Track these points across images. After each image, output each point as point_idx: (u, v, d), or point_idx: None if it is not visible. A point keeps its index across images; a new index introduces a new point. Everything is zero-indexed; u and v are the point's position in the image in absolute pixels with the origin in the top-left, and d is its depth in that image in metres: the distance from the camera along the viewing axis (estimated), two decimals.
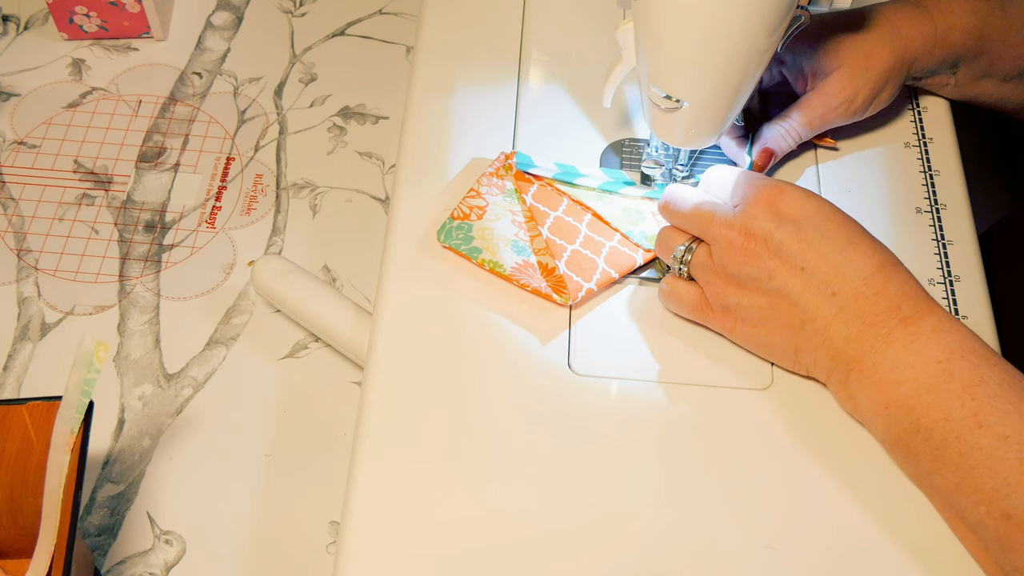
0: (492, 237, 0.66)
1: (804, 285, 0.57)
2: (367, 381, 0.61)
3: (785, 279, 0.57)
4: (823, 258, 0.56)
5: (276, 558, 0.68)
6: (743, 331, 0.60)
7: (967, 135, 0.75)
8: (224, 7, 0.97)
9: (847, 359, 0.56)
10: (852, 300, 0.56)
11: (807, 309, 0.57)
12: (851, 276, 0.56)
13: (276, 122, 0.90)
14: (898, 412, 0.55)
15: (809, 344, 0.58)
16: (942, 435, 0.53)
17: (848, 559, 0.56)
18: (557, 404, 0.61)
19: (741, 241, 0.58)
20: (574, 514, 0.57)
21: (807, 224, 0.57)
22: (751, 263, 0.58)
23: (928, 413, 0.54)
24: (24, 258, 0.81)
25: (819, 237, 0.57)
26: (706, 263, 0.60)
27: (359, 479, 0.58)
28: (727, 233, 0.58)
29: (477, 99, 0.74)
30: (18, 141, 0.88)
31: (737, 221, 0.58)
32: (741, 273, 0.58)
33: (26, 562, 0.65)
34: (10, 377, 0.75)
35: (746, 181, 0.60)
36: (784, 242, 0.57)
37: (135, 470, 0.71)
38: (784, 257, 0.57)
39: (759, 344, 0.60)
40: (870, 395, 0.56)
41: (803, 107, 0.68)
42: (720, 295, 0.60)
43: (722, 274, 0.59)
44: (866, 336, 0.56)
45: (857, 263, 0.56)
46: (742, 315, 0.60)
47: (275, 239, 0.83)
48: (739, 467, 0.59)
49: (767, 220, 0.57)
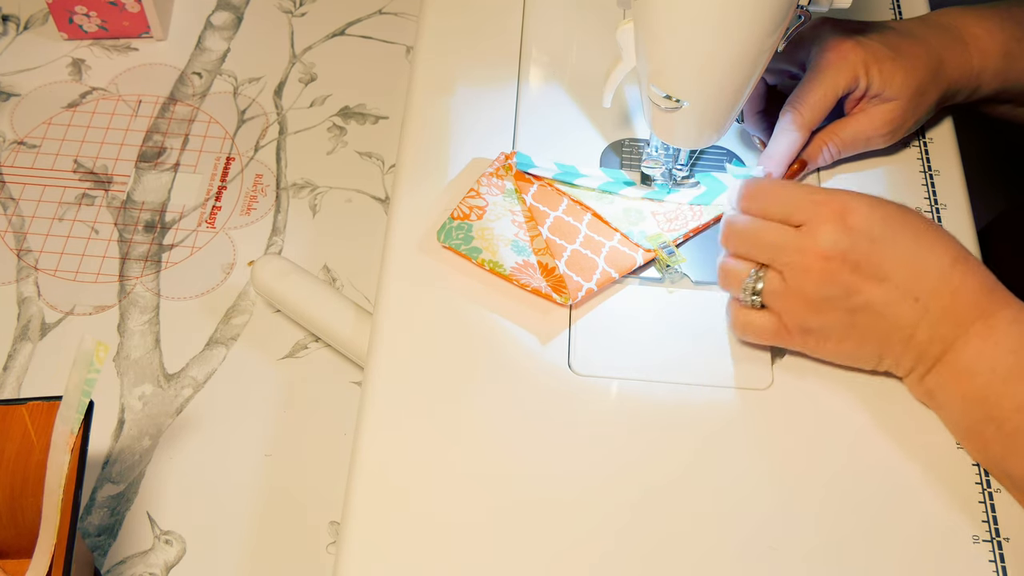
0: (492, 237, 0.66)
1: (887, 296, 0.56)
2: (367, 381, 0.61)
3: (868, 295, 0.56)
4: (900, 265, 0.56)
5: (276, 558, 0.68)
6: (827, 348, 0.60)
7: (967, 135, 0.75)
8: (224, 7, 0.97)
9: (930, 357, 0.57)
10: (933, 301, 0.56)
11: (893, 319, 0.57)
12: (929, 277, 0.56)
13: (276, 122, 0.90)
14: (973, 402, 0.56)
15: (894, 349, 0.58)
16: (1014, 424, 0.54)
17: (849, 559, 0.56)
18: (557, 404, 0.61)
19: (818, 265, 0.57)
20: (574, 514, 0.57)
21: (878, 234, 0.57)
22: (830, 284, 0.57)
23: (1001, 403, 0.55)
24: (24, 258, 0.81)
25: (891, 245, 0.56)
26: (779, 290, 0.58)
27: (359, 479, 0.58)
28: (801, 259, 0.57)
29: (477, 99, 0.74)
30: (18, 141, 0.88)
31: (809, 244, 0.57)
32: (820, 295, 0.57)
33: (26, 562, 0.65)
34: (10, 377, 0.75)
35: (805, 197, 0.58)
36: (861, 258, 0.56)
37: (135, 470, 0.71)
38: (863, 273, 0.56)
39: (844, 357, 0.60)
40: (948, 388, 0.57)
41: (848, 128, 0.68)
42: (800, 319, 0.59)
43: (800, 298, 0.58)
44: (949, 333, 0.56)
45: (931, 262, 0.56)
46: (826, 335, 0.59)
47: (275, 239, 0.83)
48: (739, 467, 0.59)
49: (840, 239, 0.56)
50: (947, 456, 0.59)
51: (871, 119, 0.68)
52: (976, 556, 0.56)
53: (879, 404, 0.61)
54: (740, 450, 0.59)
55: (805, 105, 0.66)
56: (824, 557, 0.56)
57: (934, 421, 0.60)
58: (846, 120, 0.69)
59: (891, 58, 0.66)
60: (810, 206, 0.57)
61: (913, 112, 0.68)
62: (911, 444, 0.60)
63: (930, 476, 0.59)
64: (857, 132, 0.68)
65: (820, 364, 0.62)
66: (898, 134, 0.69)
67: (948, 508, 0.58)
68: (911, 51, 0.67)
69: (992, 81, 0.70)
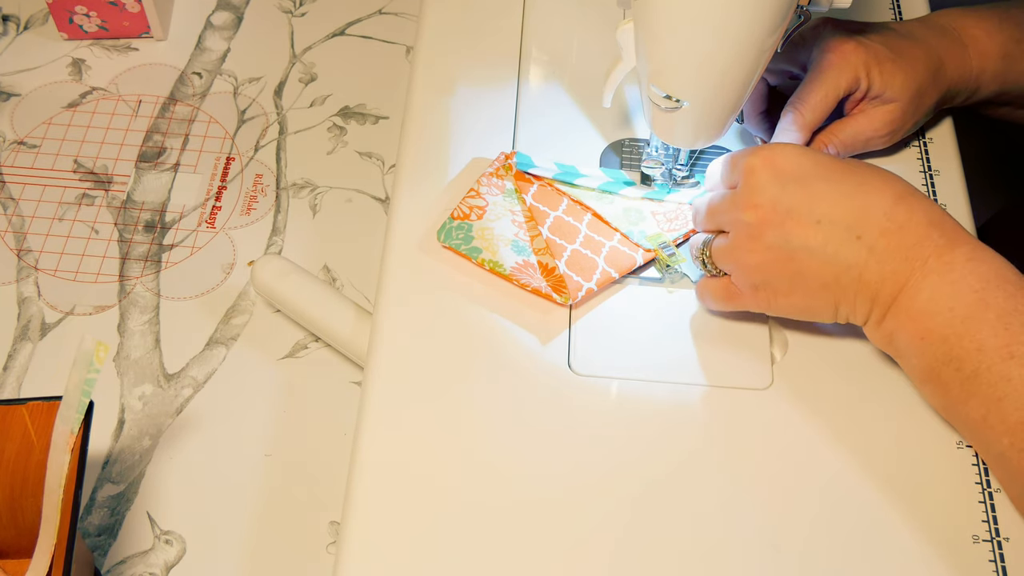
0: (492, 237, 0.66)
1: (826, 238, 0.55)
2: (367, 381, 0.61)
3: (804, 237, 0.56)
4: (837, 205, 0.55)
5: (276, 558, 0.68)
6: (779, 303, 0.59)
7: (967, 135, 0.75)
8: (224, 7, 0.97)
9: (885, 298, 0.56)
10: (879, 239, 0.55)
11: (836, 261, 0.56)
12: (871, 215, 0.55)
13: (276, 122, 0.90)
14: (932, 343, 0.54)
15: (847, 294, 0.57)
16: (973, 365, 0.53)
17: (849, 559, 0.56)
18: (557, 404, 0.61)
19: (752, 215, 0.57)
20: (574, 514, 0.57)
21: (810, 177, 0.56)
22: (766, 233, 0.56)
23: (961, 343, 0.53)
24: (24, 258, 0.81)
25: (825, 187, 0.56)
26: (725, 250, 0.59)
27: (359, 479, 0.58)
28: (736, 214, 0.58)
29: (477, 99, 0.74)
30: (18, 141, 0.88)
31: (741, 198, 0.57)
32: (760, 246, 0.57)
33: (26, 562, 0.65)
34: (10, 377, 0.75)
35: (738, 158, 0.59)
36: (793, 202, 0.56)
37: (135, 470, 0.71)
38: (797, 217, 0.56)
39: (799, 310, 0.59)
40: (907, 328, 0.55)
41: (848, 128, 0.68)
42: (746, 276, 0.59)
43: (742, 253, 0.58)
44: (901, 271, 0.55)
45: (873, 200, 0.55)
46: (775, 288, 0.58)
47: (275, 239, 0.83)
48: (740, 467, 0.59)
49: (769, 184, 0.57)
50: (947, 456, 0.59)
51: (871, 120, 0.68)
52: (976, 556, 0.56)
53: (879, 404, 0.61)
54: (740, 450, 0.59)
55: (806, 106, 0.66)
56: (824, 557, 0.56)
57: (935, 420, 0.60)
58: (846, 121, 0.69)
59: (892, 59, 0.66)
60: (741, 161, 0.58)
61: (913, 114, 0.68)
62: (911, 444, 0.60)
63: (930, 476, 0.59)
64: (857, 133, 0.68)
65: (820, 364, 0.62)
66: (897, 135, 0.69)
67: (948, 508, 0.58)
68: (911, 53, 0.67)
69: (991, 83, 0.70)
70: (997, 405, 0.53)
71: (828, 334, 0.64)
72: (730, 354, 0.63)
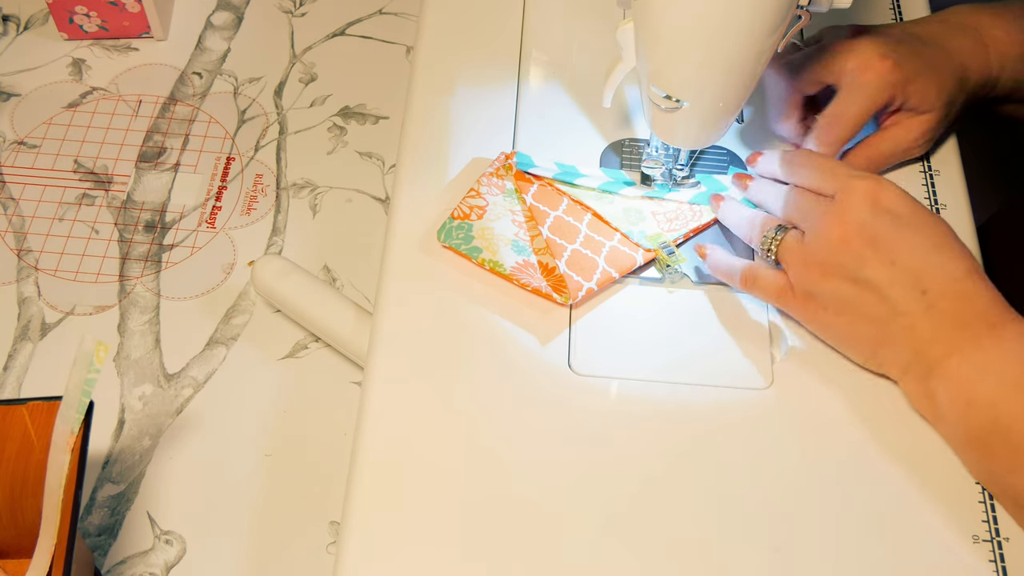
0: (492, 237, 0.66)
1: (893, 279, 0.57)
2: (367, 381, 0.61)
3: (875, 270, 0.57)
4: (914, 255, 0.57)
5: (276, 558, 0.68)
6: (824, 320, 0.60)
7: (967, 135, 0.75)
8: (224, 7, 0.97)
9: (931, 357, 0.57)
10: (941, 300, 0.56)
11: (895, 304, 0.57)
12: (941, 277, 0.57)
13: (276, 122, 0.90)
14: (980, 409, 0.56)
15: (893, 339, 0.58)
16: (1022, 435, 0.54)
17: (849, 559, 0.56)
18: (557, 404, 0.60)
19: (837, 231, 0.58)
20: (574, 514, 0.57)
21: (903, 220, 0.57)
22: (843, 251, 0.57)
23: (1010, 411, 0.54)
24: (24, 258, 0.81)
25: (912, 234, 0.57)
26: (795, 248, 0.60)
27: (359, 479, 0.58)
28: (823, 223, 0.58)
29: (477, 99, 0.74)
30: (18, 141, 0.88)
31: (836, 211, 0.58)
32: (832, 260, 0.58)
33: (26, 562, 0.65)
34: (10, 377, 0.75)
35: (844, 171, 0.60)
36: (878, 233, 0.57)
37: (135, 470, 0.71)
38: (877, 248, 0.57)
39: (839, 334, 0.60)
40: (952, 392, 0.56)
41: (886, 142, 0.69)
42: (806, 281, 0.59)
43: (811, 260, 0.59)
44: (954, 336, 0.56)
45: (948, 266, 0.57)
46: (825, 303, 0.59)
47: (275, 239, 0.83)
48: (740, 467, 0.59)
49: (864, 211, 0.57)
50: (947, 456, 0.59)
51: (908, 132, 0.68)
52: (976, 556, 0.56)
53: (879, 404, 0.61)
54: (740, 450, 0.59)
55: (841, 122, 0.67)
56: (824, 557, 0.56)
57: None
58: (882, 135, 0.69)
59: (924, 74, 0.67)
60: (846, 179, 0.59)
61: (945, 120, 0.69)
62: (911, 444, 0.60)
63: (930, 476, 0.59)
64: (895, 145, 0.69)
65: (820, 364, 0.62)
66: (931, 143, 0.70)
67: (948, 508, 0.58)
68: (939, 63, 0.68)
69: (1008, 82, 0.70)
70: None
71: None
72: (730, 354, 0.63)
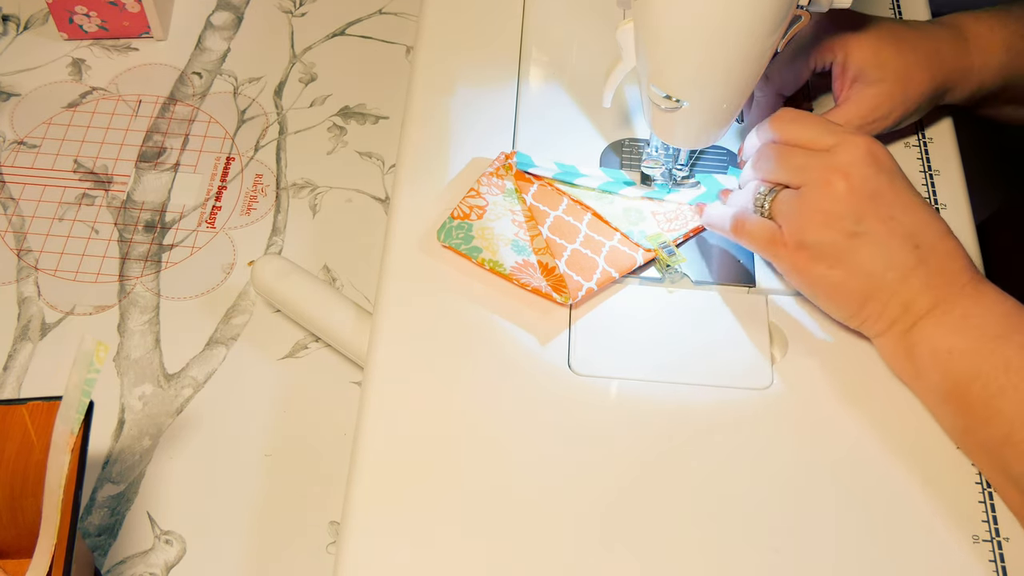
0: (492, 237, 0.66)
1: (890, 233, 0.57)
2: (367, 381, 0.61)
3: (873, 225, 0.57)
4: (908, 212, 0.58)
5: (276, 558, 0.68)
6: (815, 271, 0.59)
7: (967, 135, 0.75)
8: (224, 7, 0.97)
9: (918, 309, 0.58)
10: (931, 254, 0.58)
11: (890, 256, 0.58)
12: (930, 231, 0.58)
13: (276, 122, 0.90)
14: (961, 357, 0.56)
15: (883, 292, 0.58)
16: (1000, 383, 0.55)
17: (849, 558, 0.56)
18: (557, 404, 0.61)
19: (840, 182, 0.58)
20: (574, 514, 0.57)
21: (897, 177, 0.59)
22: (844, 202, 0.58)
23: (991, 360, 0.55)
24: (24, 258, 0.81)
25: (906, 192, 0.58)
26: (791, 201, 0.59)
27: (359, 479, 0.58)
28: (824, 175, 0.58)
29: (477, 99, 0.74)
30: (18, 141, 0.88)
31: (837, 163, 0.58)
32: (834, 210, 0.58)
33: (26, 562, 0.65)
34: (10, 377, 0.75)
35: (840, 128, 0.60)
36: (880, 188, 0.58)
37: (135, 470, 0.71)
38: (877, 204, 0.58)
39: (827, 288, 0.59)
40: (934, 341, 0.57)
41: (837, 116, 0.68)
42: (801, 231, 0.59)
43: (808, 210, 0.58)
44: (941, 287, 0.58)
45: (934, 219, 0.58)
46: (819, 253, 0.58)
47: (275, 239, 0.83)
48: (739, 467, 0.59)
49: (866, 164, 0.58)
50: (947, 456, 0.59)
51: (858, 105, 0.68)
52: (976, 556, 0.56)
53: (879, 404, 0.61)
54: (740, 450, 0.59)
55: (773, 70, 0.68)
56: (824, 557, 0.56)
57: (934, 421, 0.60)
58: (835, 109, 0.69)
59: (875, 37, 0.67)
60: (842, 132, 0.59)
61: (902, 97, 0.68)
62: (911, 444, 0.60)
63: (930, 476, 0.59)
64: (848, 119, 0.68)
65: (820, 364, 0.62)
66: (889, 120, 0.69)
67: (948, 508, 0.58)
68: (902, 34, 0.68)
69: (995, 79, 0.70)
70: (1023, 423, 0.54)
71: (828, 334, 0.64)
72: (730, 354, 0.63)
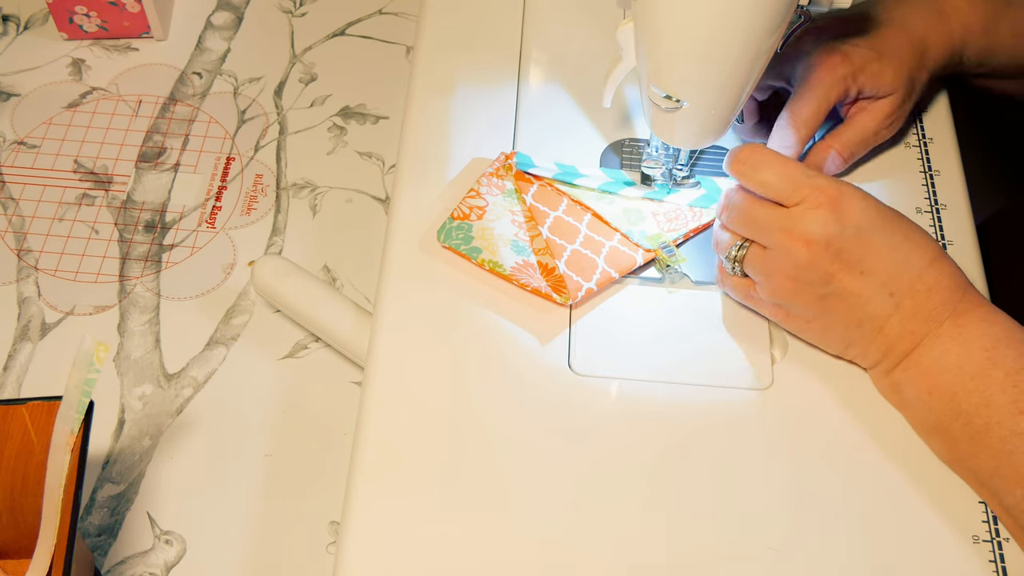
0: (492, 237, 0.66)
1: (862, 288, 0.57)
2: (367, 381, 0.61)
3: (844, 284, 0.57)
4: (881, 260, 0.57)
5: (276, 558, 0.68)
6: (795, 324, 0.61)
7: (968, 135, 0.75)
8: (224, 7, 0.97)
9: (897, 353, 0.58)
10: (907, 298, 0.57)
11: (865, 310, 0.58)
12: (906, 274, 0.57)
13: (276, 122, 0.90)
14: (941, 398, 0.57)
15: (863, 340, 0.59)
16: (983, 420, 0.55)
17: (849, 559, 0.56)
18: (557, 404, 0.61)
19: (802, 249, 0.57)
20: (574, 514, 0.57)
21: (866, 227, 0.57)
22: (810, 269, 0.57)
23: (970, 399, 0.55)
24: (24, 258, 0.81)
25: (877, 240, 0.57)
26: (759, 263, 0.60)
27: (359, 479, 0.58)
28: (786, 239, 0.58)
29: (477, 99, 0.74)
30: (18, 141, 0.88)
31: (799, 227, 0.57)
32: (798, 278, 0.58)
33: (26, 562, 0.65)
34: (10, 377, 0.75)
35: (804, 179, 0.58)
36: (845, 247, 0.57)
37: (135, 470, 0.71)
38: (844, 262, 0.57)
39: (809, 335, 0.61)
40: (915, 382, 0.58)
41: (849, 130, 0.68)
42: (773, 294, 0.60)
43: (777, 276, 0.59)
44: (919, 330, 0.57)
45: (912, 260, 0.57)
46: (794, 313, 0.60)
47: (275, 239, 0.83)
48: (739, 467, 0.59)
49: (829, 226, 0.57)
50: None
51: (872, 117, 0.68)
52: (976, 556, 0.56)
53: (880, 404, 0.61)
54: (740, 450, 0.59)
55: (799, 120, 0.66)
56: (823, 557, 0.56)
57: None
58: (846, 124, 0.69)
59: (877, 59, 0.66)
60: (807, 189, 0.58)
61: (909, 99, 0.69)
62: (911, 444, 0.60)
63: (930, 476, 0.59)
64: (861, 132, 0.68)
65: (820, 365, 0.62)
66: (899, 123, 0.70)
67: (948, 508, 0.58)
68: (895, 43, 0.67)
69: (974, 54, 0.70)
70: (1008, 458, 0.54)
71: None
72: (730, 354, 0.63)
